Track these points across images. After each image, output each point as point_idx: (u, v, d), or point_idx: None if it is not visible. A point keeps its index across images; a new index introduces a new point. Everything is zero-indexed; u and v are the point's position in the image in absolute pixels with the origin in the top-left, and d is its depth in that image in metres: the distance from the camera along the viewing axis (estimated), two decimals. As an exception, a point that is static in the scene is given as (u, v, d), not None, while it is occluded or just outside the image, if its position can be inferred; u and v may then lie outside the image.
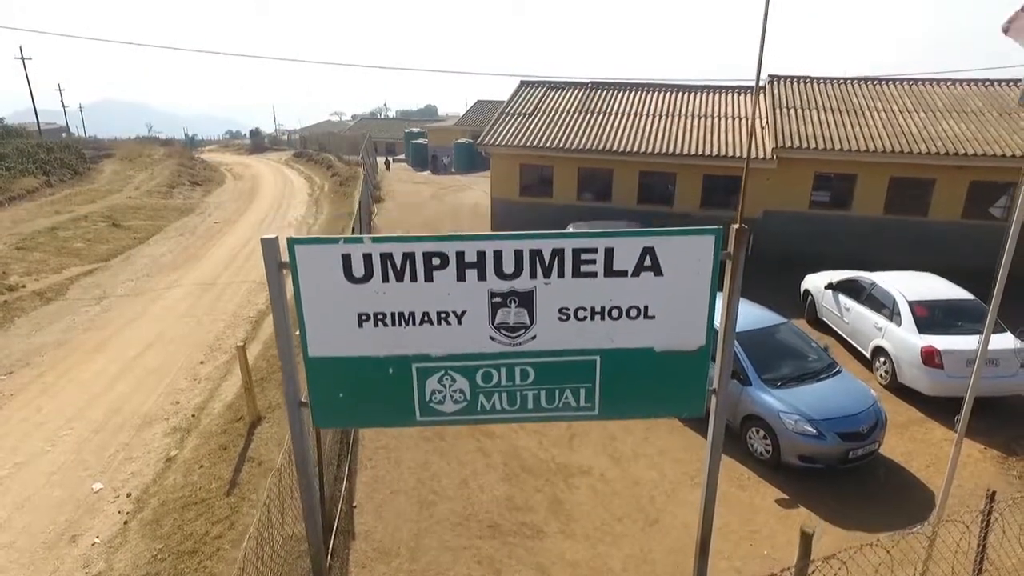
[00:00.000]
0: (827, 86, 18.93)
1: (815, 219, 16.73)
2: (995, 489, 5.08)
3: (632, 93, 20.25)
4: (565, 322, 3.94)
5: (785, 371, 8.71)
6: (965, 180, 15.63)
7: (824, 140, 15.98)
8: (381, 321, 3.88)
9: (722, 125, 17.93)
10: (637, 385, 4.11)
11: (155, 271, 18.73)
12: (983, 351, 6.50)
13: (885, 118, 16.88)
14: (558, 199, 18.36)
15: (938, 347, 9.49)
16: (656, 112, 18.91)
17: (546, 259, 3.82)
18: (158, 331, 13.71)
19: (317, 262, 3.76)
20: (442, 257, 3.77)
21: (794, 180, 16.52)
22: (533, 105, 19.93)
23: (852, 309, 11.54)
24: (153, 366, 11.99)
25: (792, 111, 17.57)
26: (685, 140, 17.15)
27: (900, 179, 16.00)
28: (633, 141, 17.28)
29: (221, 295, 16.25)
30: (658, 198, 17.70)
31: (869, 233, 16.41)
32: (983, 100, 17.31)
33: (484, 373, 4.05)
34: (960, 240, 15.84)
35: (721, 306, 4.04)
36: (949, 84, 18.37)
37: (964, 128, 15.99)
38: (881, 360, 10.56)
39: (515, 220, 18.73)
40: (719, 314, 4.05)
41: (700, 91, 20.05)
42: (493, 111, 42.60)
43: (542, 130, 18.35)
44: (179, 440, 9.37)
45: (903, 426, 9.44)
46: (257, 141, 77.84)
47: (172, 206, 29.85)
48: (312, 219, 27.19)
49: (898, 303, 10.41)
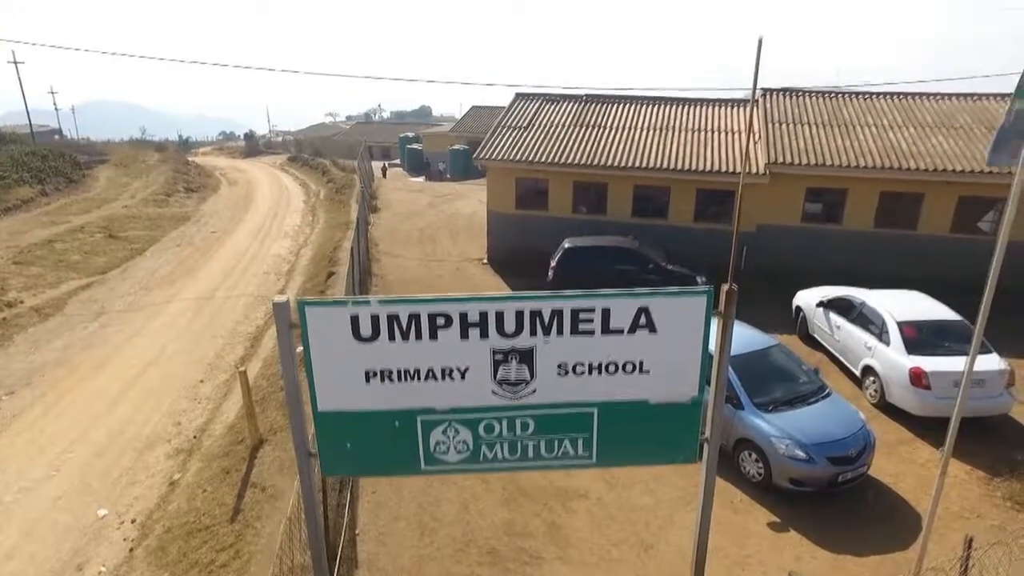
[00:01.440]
0: (818, 100, 19.18)
1: (807, 233, 16.96)
2: (972, 535, 5.27)
3: (626, 106, 20.45)
4: (564, 377, 4.12)
5: (777, 394, 8.91)
6: (953, 195, 15.90)
7: (816, 155, 16.22)
8: (387, 377, 4.04)
9: (715, 139, 18.15)
10: (633, 435, 4.29)
11: (153, 284, 18.82)
12: (968, 373, 6.73)
13: (875, 132, 17.13)
14: (553, 212, 18.53)
15: (926, 368, 9.72)
16: (650, 125, 19.11)
17: (545, 319, 3.99)
18: (158, 348, 13.82)
19: (326, 323, 3.92)
20: (446, 317, 3.94)
21: (786, 194, 16.75)
22: (528, 118, 20.10)
23: (842, 327, 11.77)
24: (153, 385, 12.12)
25: (784, 125, 17.80)
26: (679, 155, 17.36)
27: (890, 194, 16.25)
28: (627, 156, 17.48)
29: (219, 310, 16.36)
30: (652, 211, 17.89)
31: (860, 246, 16.64)
32: (972, 115, 17.59)
33: (486, 425, 4.22)
34: (948, 254, 16.08)
35: (715, 356, 4.23)
36: (938, 99, 18.65)
37: (953, 144, 16.26)
38: (871, 379, 10.79)
39: (511, 232, 18.92)
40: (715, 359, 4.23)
41: (693, 104, 20.26)
42: (488, 117, 42.89)
43: (537, 144, 18.52)
44: (182, 463, 9.51)
45: (892, 446, 9.66)
46: (251, 144, 77.75)
47: (168, 215, 29.89)
48: (309, 228, 27.29)
49: (887, 323, 10.64)
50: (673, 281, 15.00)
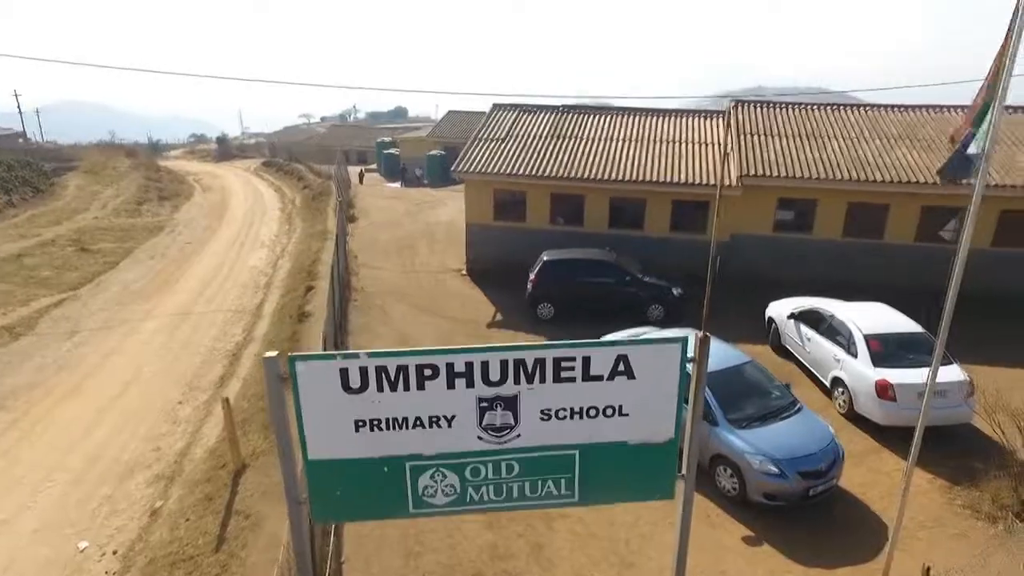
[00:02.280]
0: (788, 111, 19.66)
1: (779, 242, 17.40)
2: (929, 564, 5.54)
3: (602, 117, 20.72)
4: (547, 421, 4.29)
5: (750, 411, 9.20)
6: (917, 205, 16.44)
7: (786, 167, 16.65)
8: (376, 426, 4.17)
9: (689, 151, 18.50)
10: (613, 474, 4.47)
11: (127, 299, 18.58)
12: (930, 386, 7.08)
13: (843, 144, 17.63)
14: (531, 223, 18.72)
15: (891, 380, 10.10)
16: (625, 137, 19.41)
17: (529, 367, 4.15)
18: (134, 368, 13.69)
19: (316, 376, 4.03)
20: (433, 368, 4.08)
21: (759, 205, 17.16)
22: (505, 130, 20.26)
23: (813, 339, 12.14)
24: (131, 408, 12.02)
25: (755, 137, 18.22)
26: (654, 167, 17.67)
27: (858, 204, 16.75)
28: (603, 168, 17.74)
29: (197, 326, 16.23)
30: (629, 222, 18.18)
31: (830, 255, 17.13)
32: (934, 127, 18.19)
33: (472, 468, 4.37)
34: (913, 261, 16.63)
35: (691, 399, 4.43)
36: (902, 110, 19.25)
37: (916, 156, 16.81)
38: (839, 390, 11.17)
39: (489, 244, 19.06)
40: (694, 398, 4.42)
41: (668, 115, 20.62)
42: (465, 122, 42.96)
43: (514, 156, 18.69)
44: (163, 490, 9.49)
45: (860, 456, 10.02)
46: (224, 148, 76.72)
47: (141, 225, 29.45)
48: (286, 238, 27.11)
49: (854, 336, 11.02)
50: (649, 291, 15.30)
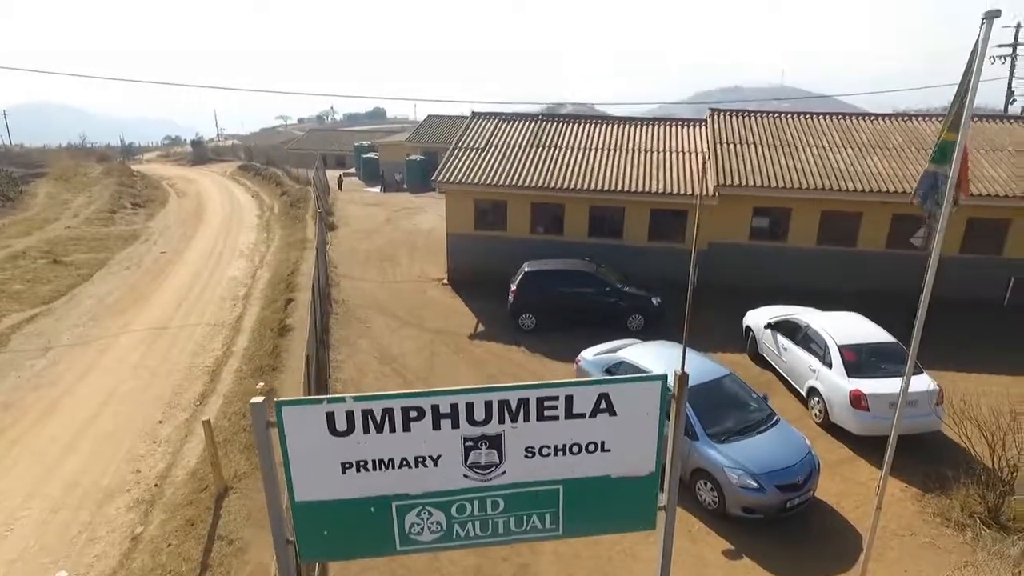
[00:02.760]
0: (763, 120, 20.02)
1: (755, 250, 17.71)
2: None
3: (581, 126, 20.90)
4: (531, 458, 4.37)
5: (729, 424, 9.39)
6: (888, 213, 16.86)
7: (762, 177, 16.96)
8: (363, 467, 4.22)
9: (667, 160, 18.73)
10: (596, 508, 4.57)
11: (102, 314, 18.29)
12: (903, 396, 7.31)
13: (817, 153, 18.01)
14: (512, 232, 18.81)
15: (864, 391, 10.38)
16: (604, 146, 19.59)
17: (513, 407, 4.22)
18: (111, 387, 13.49)
19: (303, 420, 4.06)
20: (419, 410, 4.14)
21: (735, 213, 17.45)
22: (485, 139, 20.32)
23: (789, 350, 12.40)
24: (109, 429, 11.85)
25: (732, 146, 18.53)
26: (632, 176, 17.87)
27: (831, 212, 17.13)
28: (582, 178, 17.89)
29: (175, 341, 16.04)
30: (608, 231, 18.36)
31: (804, 262, 17.48)
32: (903, 136, 18.65)
33: (459, 506, 4.43)
34: (884, 268, 17.09)
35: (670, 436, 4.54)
36: (872, 119, 19.72)
37: (887, 165, 17.23)
38: (815, 400, 11.43)
39: (470, 253, 19.11)
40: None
41: (646, 124, 20.86)
42: (444, 127, 42.93)
43: (494, 166, 18.77)
44: (143, 514, 9.39)
45: (835, 465, 10.28)
46: (199, 151, 75.70)
47: (115, 234, 28.95)
48: (264, 247, 26.85)
49: (829, 347, 11.29)
50: (629, 301, 15.48)
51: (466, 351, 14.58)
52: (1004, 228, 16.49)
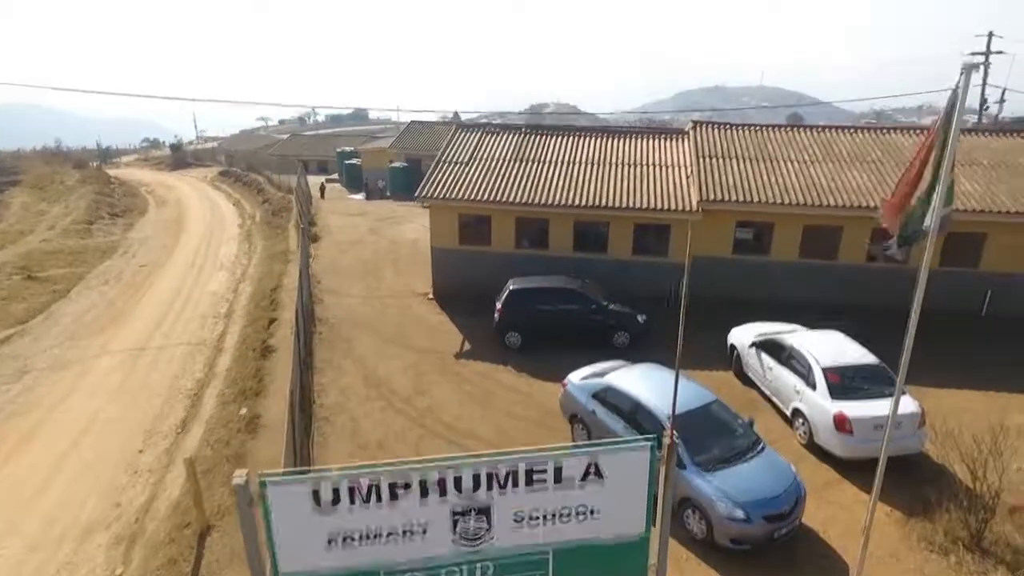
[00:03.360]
0: (745, 132, 20.16)
1: (738, 264, 17.81)
2: None
3: (564, 139, 20.89)
4: (520, 525, 4.34)
5: (716, 452, 9.41)
6: (868, 228, 17.00)
7: (744, 192, 17.07)
8: (349, 540, 4.16)
9: (650, 174, 18.78)
10: (586, 571, 4.55)
11: (80, 333, 17.95)
12: (891, 419, 7.39)
13: (798, 168, 18.18)
14: (497, 247, 18.75)
15: (848, 414, 10.47)
16: (587, 160, 19.60)
17: (501, 477, 4.19)
18: (91, 414, 13.24)
19: (288, 496, 3.99)
20: (406, 483, 4.09)
21: (718, 228, 17.54)
22: (469, 153, 20.24)
23: (774, 370, 12.48)
24: (88, 458, 11.62)
25: (714, 160, 18.63)
26: (616, 192, 17.89)
27: (813, 227, 17.28)
28: (567, 193, 17.88)
29: (156, 363, 15.78)
30: (593, 245, 18.37)
31: (787, 276, 17.62)
32: (882, 149, 18.88)
33: (447, 571, 4.39)
34: (865, 281, 17.29)
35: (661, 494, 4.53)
36: (852, 132, 19.95)
37: (867, 179, 17.44)
38: (800, 421, 11.51)
39: (455, 268, 19.03)
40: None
41: (629, 136, 20.90)
42: (427, 134, 42.72)
43: (478, 181, 18.70)
44: (124, 552, 9.21)
45: (821, 489, 10.35)
46: (179, 156, 74.82)
47: (93, 247, 28.46)
48: (246, 258, 26.56)
49: (813, 369, 11.38)
50: (615, 319, 15.50)
51: (452, 371, 14.50)
52: (980, 242, 16.76)
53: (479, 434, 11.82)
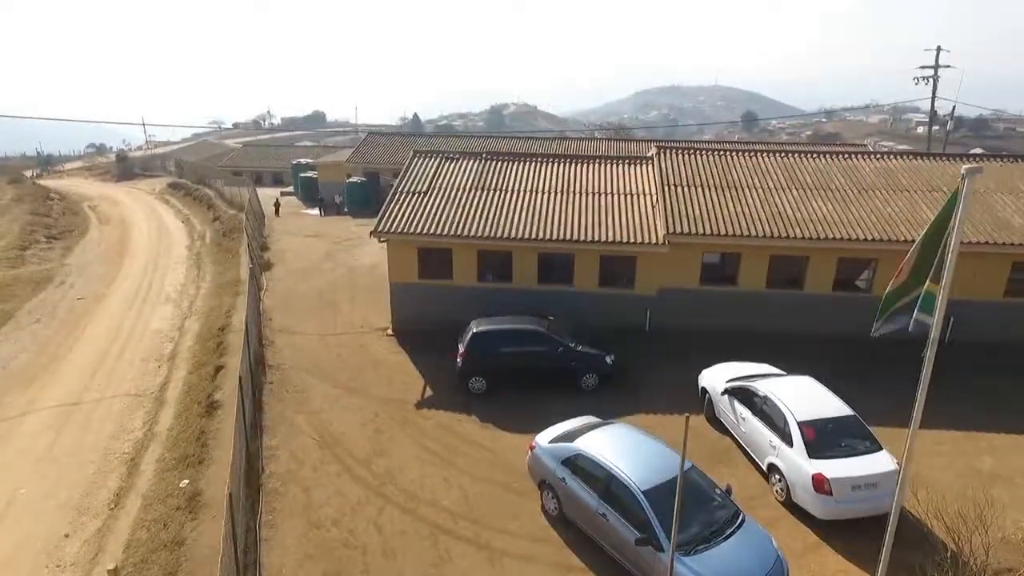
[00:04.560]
0: (709, 158, 19.85)
1: (706, 295, 17.48)
2: None
3: (526, 165, 20.27)
4: None
5: (694, 529, 8.88)
6: (834, 257, 16.90)
7: (711, 224, 16.72)
8: None
9: (616, 203, 18.30)
10: None
11: (6, 385, 16.50)
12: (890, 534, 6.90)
13: (763, 196, 17.93)
14: (458, 281, 18.01)
15: (827, 475, 10.09)
16: (551, 188, 19.02)
17: None
18: (9, 493, 11.96)
19: None
20: None
21: (686, 259, 17.17)
22: (427, 181, 19.44)
23: (748, 420, 12.07)
24: (5, 552, 10.43)
25: (679, 188, 18.26)
26: (581, 224, 17.34)
27: (779, 257, 17.05)
28: (530, 226, 17.25)
29: (89, 421, 14.53)
30: (558, 278, 17.78)
31: (754, 306, 17.38)
32: (844, 175, 18.80)
33: None
34: (831, 310, 17.16)
35: None
36: (815, 156, 19.83)
37: (831, 208, 17.29)
38: (776, 477, 11.11)
39: (416, 303, 18.23)
40: None
41: (593, 162, 20.41)
42: (385, 146, 41.67)
43: (438, 212, 17.93)
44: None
45: (801, 555, 9.93)
46: (125, 166, 71.49)
47: (25, 276, 26.57)
48: (194, 287, 25.16)
49: (789, 423, 10.99)
50: (583, 361, 14.93)
51: (414, 424, 13.70)
52: (944, 270, 16.73)
53: (443, 503, 11.07)
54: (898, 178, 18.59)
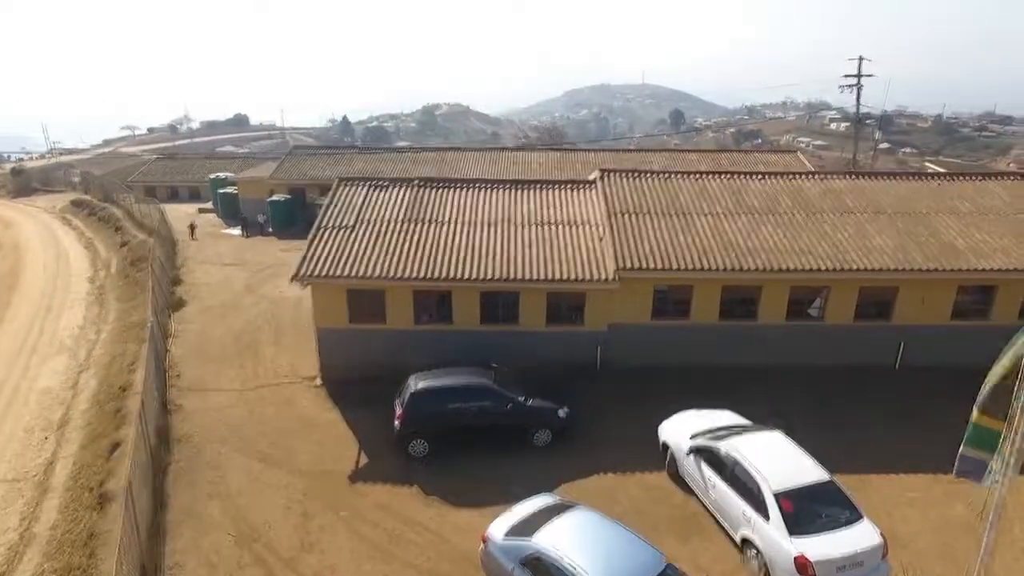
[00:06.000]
0: (655, 181, 19.01)
1: (658, 330, 16.58)
2: None
3: (463, 192, 18.82)
4: None
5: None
6: (786, 287, 16.33)
7: (662, 258, 15.80)
8: None
9: (561, 235, 17.13)
10: None
11: None
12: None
13: (712, 223, 17.19)
14: (393, 324, 16.40)
15: (811, 558, 9.21)
16: (491, 219, 17.66)
17: None
18: None
19: None
20: None
21: (636, 294, 16.20)
22: (355, 213, 17.70)
23: (717, 487, 11.10)
24: None
25: (627, 217, 17.30)
26: (526, 260, 16.07)
27: (731, 288, 16.34)
28: (471, 265, 15.84)
29: (-49, 524, 12.14)
30: (502, 317, 16.47)
31: (707, 339, 16.62)
32: (791, 198, 18.33)
33: None
34: (785, 340, 16.63)
35: None
36: (760, 178, 19.32)
37: (782, 235, 16.71)
38: (752, 553, 10.17)
39: (346, 349, 16.50)
40: None
41: (535, 188, 19.18)
42: (311, 161, 39.18)
43: (368, 250, 16.26)
44: None
45: (785, 648, 9.03)
46: (22, 181, 65.25)
47: None
48: (94, 330, 22.43)
49: (764, 494, 10.07)
50: (534, 417, 13.68)
51: (348, 505, 12.05)
52: (892, 296, 16.47)
53: (383, 614, 9.57)
54: (844, 200, 18.26)
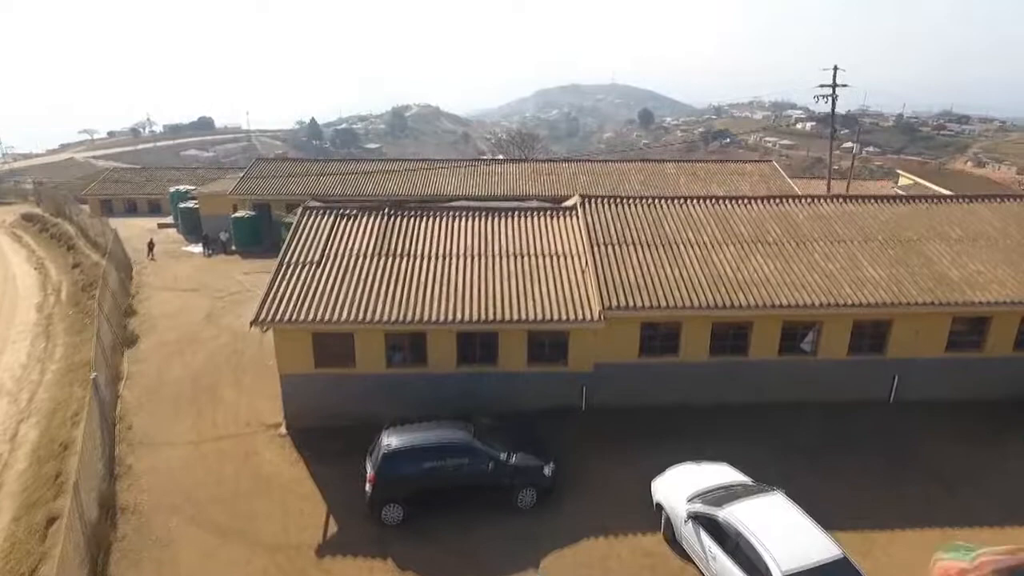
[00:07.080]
0: (638, 208, 18.17)
1: (645, 368, 15.74)
2: None
3: (437, 221, 17.73)
4: None
5: None
6: (778, 322, 15.61)
7: (649, 295, 14.94)
8: None
9: (542, 267, 16.15)
10: None
11: None
12: None
13: (699, 254, 16.41)
14: (363, 367, 15.24)
15: (826, 654, 8.38)
16: (467, 251, 16.60)
17: None
18: None
19: None
20: None
21: (622, 332, 15.32)
22: (321, 247, 16.48)
23: (718, 558, 10.24)
24: None
25: (610, 248, 16.41)
26: (505, 298, 15.05)
27: (721, 324, 15.55)
28: (446, 305, 14.77)
29: None
30: (480, 358, 15.44)
31: (696, 377, 15.86)
32: (779, 225, 17.65)
33: None
34: (777, 376, 15.98)
35: None
36: (746, 203, 18.60)
37: (772, 267, 15.99)
38: (760, 637, 9.33)
39: (313, 396, 15.32)
40: None
41: (513, 216, 18.14)
42: (274, 174, 37.50)
43: (334, 291, 15.07)
44: None
45: None
46: (-32, 192, 62.00)
47: None
48: (38, 370, 20.72)
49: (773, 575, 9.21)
50: (518, 476, 12.65)
51: (313, 586, 10.90)
52: (886, 329, 15.86)
53: None
54: (833, 227, 17.63)
